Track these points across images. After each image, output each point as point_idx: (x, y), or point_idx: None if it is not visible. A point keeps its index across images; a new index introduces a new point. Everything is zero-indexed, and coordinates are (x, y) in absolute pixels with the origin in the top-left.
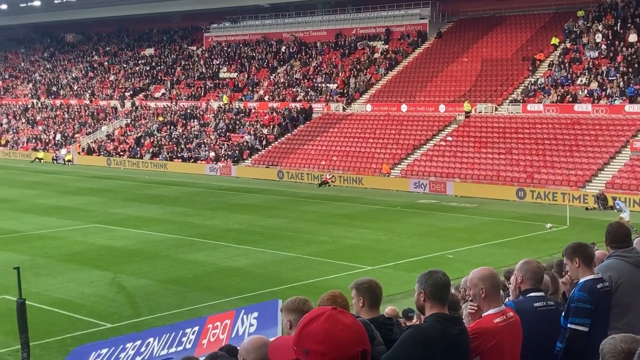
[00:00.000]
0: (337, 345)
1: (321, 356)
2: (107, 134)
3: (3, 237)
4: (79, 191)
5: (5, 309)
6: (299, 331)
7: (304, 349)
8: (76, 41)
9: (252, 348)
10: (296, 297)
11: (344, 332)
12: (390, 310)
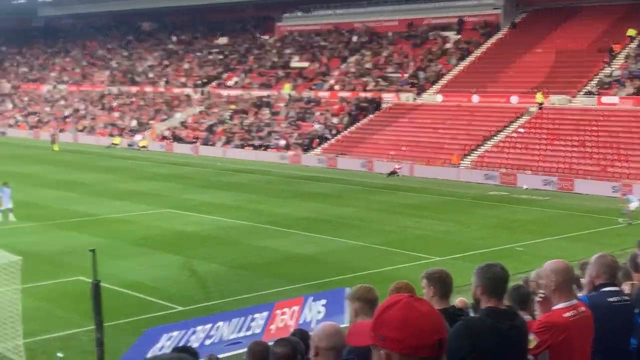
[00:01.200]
0: (413, 333)
1: (397, 343)
2: (181, 121)
3: (80, 220)
4: (153, 177)
5: (80, 290)
6: (375, 318)
7: (380, 335)
8: (152, 29)
9: (324, 335)
10: (361, 285)
11: (420, 320)
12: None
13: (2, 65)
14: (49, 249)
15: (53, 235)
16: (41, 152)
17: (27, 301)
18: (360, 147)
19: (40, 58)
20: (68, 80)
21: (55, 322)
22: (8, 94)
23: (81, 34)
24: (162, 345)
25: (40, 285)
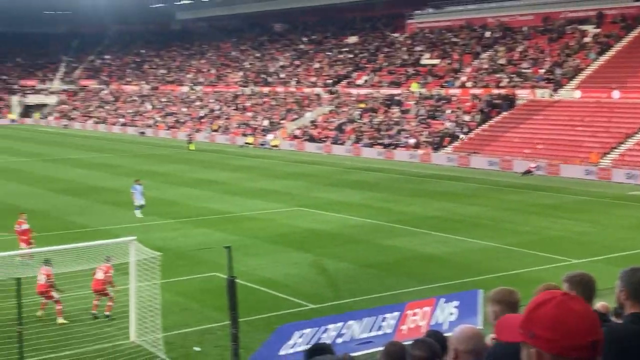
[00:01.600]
0: (566, 333)
1: (548, 343)
2: (311, 120)
3: (215, 217)
4: (284, 175)
5: (216, 286)
6: (527, 314)
7: (530, 332)
8: (283, 30)
9: (463, 338)
10: (502, 288)
11: (574, 320)
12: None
13: (142, 68)
14: (186, 246)
15: (189, 232)
16: (178, 151)
17: (165, 296)
18: (493, 146)
19: (178, 60)
20: (203, 82)
21: (192, 316)
22: (147, 95)
23: (216, 36)
24: (295, 342)
25: (177, 280)
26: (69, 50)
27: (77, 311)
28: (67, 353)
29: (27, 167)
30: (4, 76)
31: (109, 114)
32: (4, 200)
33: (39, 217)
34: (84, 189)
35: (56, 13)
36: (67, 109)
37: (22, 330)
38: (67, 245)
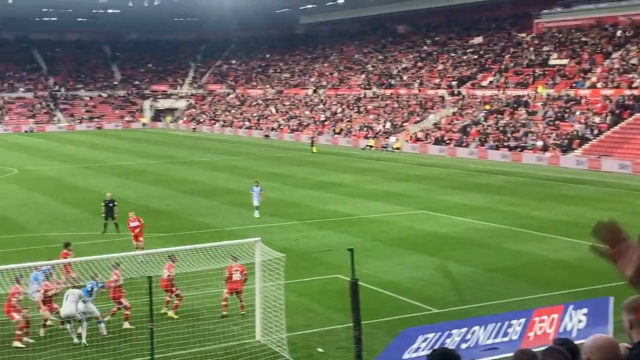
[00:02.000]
0: None
1: None
2: (434, 122)
3: (338, 219)
4: (406, 178)
5: (339, 287)
6: None
7: None
8: (406, 32)
9: (596, 348)
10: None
11: None
12: None
13: (267, 72)
14: (308, 247)
15: (312, 233)
16: (301, 154)
17: (289, 296)
18: (624, 148)
19: (301, 64)
20: (326, 85)
21: (314, 317)
22: (272, 99)
23: (339, 39)
24: (418, 346)
25: (301, 281)
26: (197, 56)
27: (205, 309)
28: (196, 350)
29: (158, 169)
30: (137, 81)
31: (235, 118)
32: (136, 201)
33: (168, 217)
34: (210, 191)
35: (185, 20)
36: (196, 112)
37: (153, 327)
38: (195, 245)
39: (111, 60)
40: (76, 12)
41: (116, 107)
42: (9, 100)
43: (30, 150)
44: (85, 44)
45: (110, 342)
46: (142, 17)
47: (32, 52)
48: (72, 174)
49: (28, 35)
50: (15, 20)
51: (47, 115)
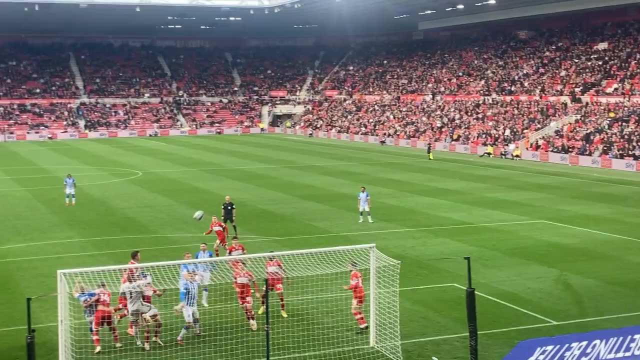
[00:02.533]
0: None
1: None
2: (555, 129)
3: (454, 227)
4: (526, 186)
5: (454, 296)
6: None
7: None
8: (528, 37)
9: None
10: None
11: None
12: None
13: (384, 78)
14: (424, 255)
15: (428, 241)
16: (417, 160)
17: (404, 304)
18: None
19: (419, 70)
20: (444, 91)
21: (430, 326)
22: (388, 105)
23: (458, 45)
24: (536, 358)
25: (416, 289)
26: (315, 62)
27: (319, 314)
28: (310, 353)
29: (275, 173)
30: (256, 87)
31: (351, 123)
32: (253, 204)
33: (284, 220)
34: (325, 195)
35: (304, 27)
36: (312, 118)
37: (269, 329)
38: (310, 249)
39: (232, 66)
40: (200, 20)
41: (236, 112)
42: (135, 105)
43: (154, 153)
44: (207, 50)
45: (228, 343)
46: (263, 25)
47: (158, 59)
48: (193, 177)
49: (154, 43)
50: (142, 28)
51: (170, 120)
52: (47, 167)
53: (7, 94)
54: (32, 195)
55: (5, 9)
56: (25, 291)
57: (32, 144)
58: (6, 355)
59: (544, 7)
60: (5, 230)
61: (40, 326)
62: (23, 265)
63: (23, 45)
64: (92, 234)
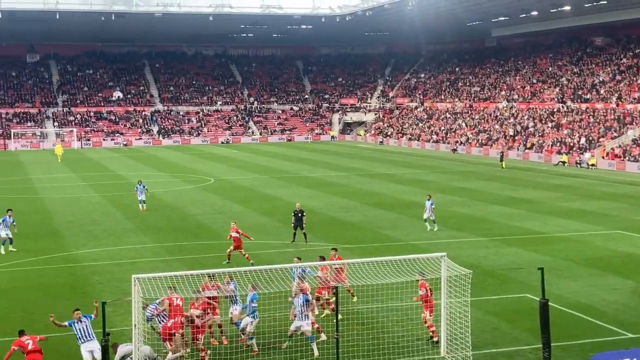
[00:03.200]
0: None
1: None
2: (632, 138)
3: (527, 237)
4: (601, 196)
5: (527, 307)
6: None
7: None
8: (604, 44)
9: None
10: None
11: None
12: None
13: (456, 85)
14: (496, 264)
15: (500, 250)
16: (489, 168)
17: (475, 314)
18: None
19: (492, 77)
20: (517, 98)
21: (502, 337)
22: (460, 112)
23: (532, 51)
24: None
25: (487, 299)
26: (386, 70)
27: (389, 322)
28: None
29: (345, 181)
30: (327, 95)
31: (422, 131)
32: (323, 211)
33: (354, 228)
34: (395, 203)
35: (376, 34)
36: (383, 126)
37: (339, 336)
38: (379, 257)
39: (303, 74)
40: (271, 28)
41: (306, 120)
42: (208, 113)
43: (226, 160)
44: (278, 58)
45: (298, 350)
46: (334, 32)
47: (230, 67)
48: (264, 184)
49: (226, 51)
50: (215, 37)
51: (241, 127)
52: (122, 173)
53: (84, 101)
54: (107, 201)
55: (83, 19)
56: (100, 295)
57: (108, 151)
58: (81, 357)
59: (620, 13)
60: (81, 235)
61: (114, 330)
62: (98, 269)
63: (100, 54)
64: (165, 240)
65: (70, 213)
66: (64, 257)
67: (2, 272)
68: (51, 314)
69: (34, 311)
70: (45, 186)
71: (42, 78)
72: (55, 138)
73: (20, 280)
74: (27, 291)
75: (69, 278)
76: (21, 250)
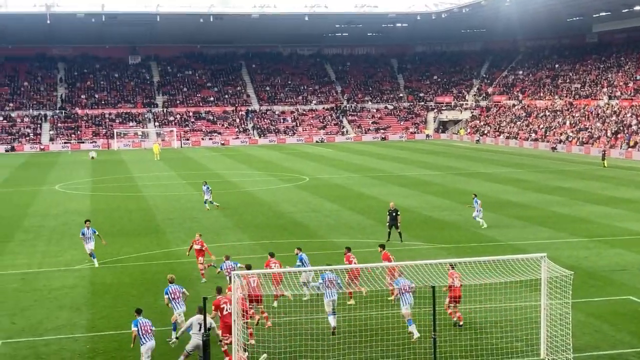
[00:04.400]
0: None
1: None
2: None
3: (629, 238)
4: None
5: (630, 309)
6: None
7: None
8: None
9: None
10: None
11: None
12: None
13: (555, 82)
14: (598, 266)
15: (602, 251)
16: (590, 168)
17: (576, 315)
18: None
19: (593, 74)
20: (620, 95)
21: (604, 339)
22: (560, 110)
23: (635, 47)
24: None
25: (589, 301)
26: (483, 67)
27: (487, 323)
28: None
29: (440, 180)
30: (421, 93)
31: (520, 129)
32: (420, 211)
33: (450, 228)
34: (493, 203)
35: (472, 31)
36: (479, 124)
37: (436, 336)
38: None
39: (397, 72)
40: (366, 27)
41: (401, 118)
42: (303, 112)
43: (320, 159)
44: (373, 57)
45: (394, 348)
46: (429, 30)
47: (325, 67)
48: (358, 183)
49: (321, 51)
50: (310, 37)
51: (336, 127)
52: (220, 172)
53: (183, 102)
54: None
55: (183, 21)
56: (202, 291)
57: (206, 150)
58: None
59: None
60: (182, 231)
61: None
62: (197, 266)
63: (198, 55)
64: (261, 237)
65: (171, 210)
66: (165, 253)
67: (107, 267)
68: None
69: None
70: (147, 184)
71: (144, 79)
72: (156, 137)
73: (123, 275)
74: (131, 287)
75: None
76: (125, 246)
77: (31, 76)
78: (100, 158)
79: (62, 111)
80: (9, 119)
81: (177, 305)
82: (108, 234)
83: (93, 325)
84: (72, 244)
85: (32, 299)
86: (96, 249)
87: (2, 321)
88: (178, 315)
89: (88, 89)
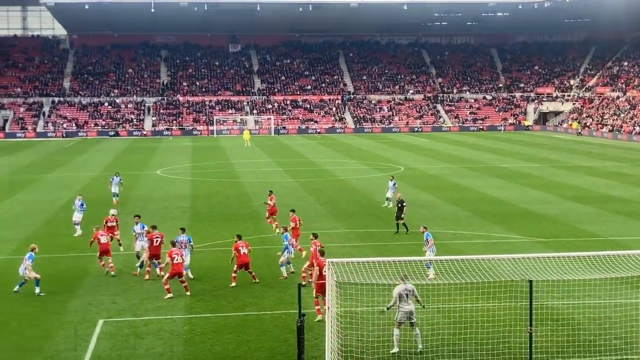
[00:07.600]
0: None
1: None
2: None
3: None
4: None
5: None
6: None
7: None
8: None
9: None
10: None
11: None
12: None
13: None
14: None
15: None
16: None
17: None
18: None
19: None
20: None
21: None
22: None
23: None
24: None
25: None
26: (586, 58)
27: (586, 320)
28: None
29: (538, 172)
30: (521, 84)
31: (624, 122)
32: (517, 204)
33: (548, 222)
34: (593, 197)
35: (576, 21)
36: (582, 116)
37: (532, 331)
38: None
39: (497, 62)
40: (466, 16)
41: (500, 109)
42: (399, 102)
43: (416, 149)
44: (472, 47)
45: (489, 342)
46: (531, 19)
47: (422, 56)
48: (454, 174)
49: (419, 40)
50: (408, 25)
51: (432, 117)
52: (316, 160)
53: (281, 90)
54: (301, 186)
55: (282, 10)
56: (291, 278)
57: (302, 138)
58: (276, 336)
59: None
60: (277, 218)
61: (308, 311)
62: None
63: (297, 44)
64: (355, 226)
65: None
66: (261, 239)
67: (205, 252)
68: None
69: (234, 290)
70: (244, 170)
71: (243, 67)
72: (254, 124)
73: (221, 260)
74: (227, 271)
75: (265, 260)
76: (223, 230)
77: (135, 63)
78: (199, 144)
79: (164, 98)
80: (114, 104)
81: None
82: (207, 218)
83: (191, 308)
84: (173, 227)
85: (133, 280)
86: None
87: (104, 301)
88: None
89: (189, 77)
